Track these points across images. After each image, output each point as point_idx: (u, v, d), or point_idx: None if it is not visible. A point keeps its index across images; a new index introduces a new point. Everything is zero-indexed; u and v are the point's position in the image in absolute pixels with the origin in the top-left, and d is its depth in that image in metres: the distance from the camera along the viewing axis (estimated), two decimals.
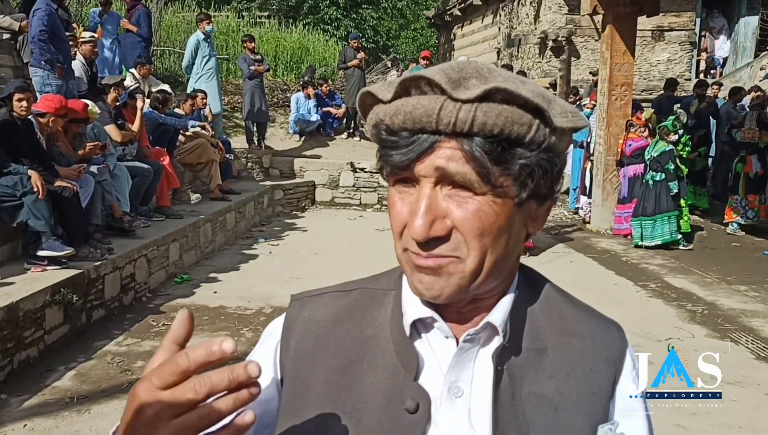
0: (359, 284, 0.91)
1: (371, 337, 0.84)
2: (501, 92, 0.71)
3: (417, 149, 0.73)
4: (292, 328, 0.88)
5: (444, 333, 0.82)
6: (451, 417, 0.79)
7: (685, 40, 14.46)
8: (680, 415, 4.00)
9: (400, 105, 0.74)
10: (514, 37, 16.41)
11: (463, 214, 0.74)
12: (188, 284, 6.61)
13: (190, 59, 10.53)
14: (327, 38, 20.56)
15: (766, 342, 5.24)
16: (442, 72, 0.73)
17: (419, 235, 0.73)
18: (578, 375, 0.83)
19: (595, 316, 0.90)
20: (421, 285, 0.77)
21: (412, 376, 0.80)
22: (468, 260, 0.75)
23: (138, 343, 5.02)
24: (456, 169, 0.72)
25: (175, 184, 8.00)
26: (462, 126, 0.71)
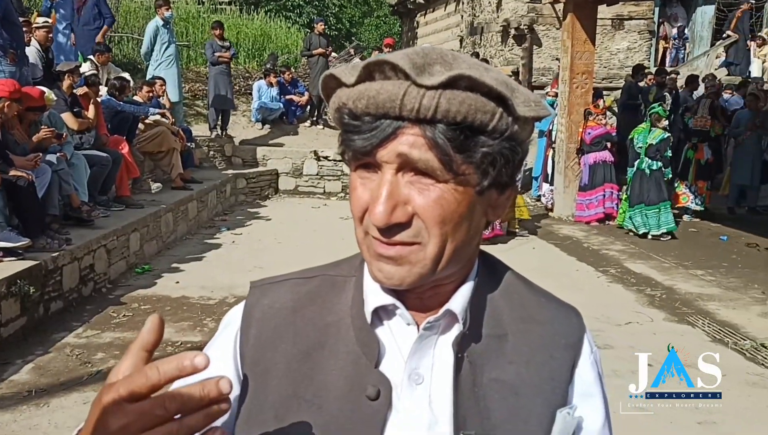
0: (320, 271, 0.90)
1: (332, 324, 0.84)
2: (465, 79, 0.70)
3: (379, 135, 0.72)
4: (252, 315, 0.87)
5: (405, 320, 0.82)
6: (412, 404, 0.79)
7: (644, 29, 14.68)
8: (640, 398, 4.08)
9: (364, 89, 0.73)
10: (476, 25, 16.46)
11: (424, 201, 0.74)
12: (149, 275, 6.51)
13: (148, 46, 10.32)
14: (289, 25, 20.37)
15: (722, 325, 5.37)
16: (407, 57, 0.72)
17: (380, 221, 0.73)
18: (538, 361, 0.83)
19: (554, 302, 0.91)
20: (381, 274, 0.77)
21: (373, 363, 0.80)
22: (429, 247, 0.75)
23: (98, 334, 4.93)
24: (418, 155, 0.72)
25: (134, 173, 7.87)
26: (425, 112, 0.70)
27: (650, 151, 8.33)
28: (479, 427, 0.79)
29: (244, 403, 0.82)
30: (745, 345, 4.92)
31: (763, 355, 4.74)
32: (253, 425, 0.81)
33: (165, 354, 4.52)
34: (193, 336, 4.92)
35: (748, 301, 6.00)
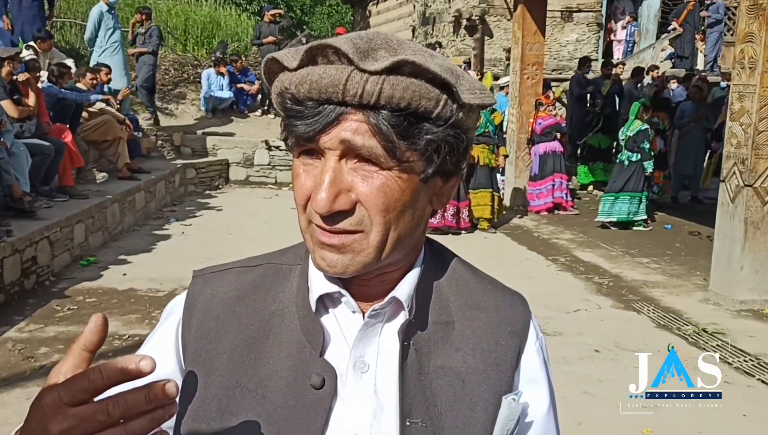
0: (264, 259, 0.89)
1: (276, 312, 0.83)
2: (409, 65, 0.69)
3: (322, 120, 0.71)
4: (194, 305, 0.85)
5: (351, 308, 0.82)
6: (358, 392, 0.79)
7: (592, 22, 14.92)
8: (587, 383, 4.17)
9: (306, 74, 0.72)
10: (428, 15, 16.49)
11: (368, 189, 0.73)
12: (95, 267, 6.35)
13: (92, 31, 10.04)
14: (239, 13, 20.04)
15: (666, 311, 5.52)
16: (350, 41, 0.71)
17: (322, 208, 0.72)
18: (484, 347, 0.84)
19: (500, 289, 0.91)
20: (324, 262, 0.76)
21: (318, 352, 0.79)
22: (372, 235, 0.75)
23: (41, 328, 4.79)
24: (362, 142, 0.71)
25: (78, 163, 7.65)
26: (369, 98, 0.70)
27: (628, 143, 8.40)
28: (425, 414, 0.79)
29: (188, 395, 0.80)
30: (688, 330, 5.07)
31: (705, 340, 4.89)
32: (197, 417, 0.79)
33: (112, 347, 4.44)
34: (140, 329, 4.82)
35: (691, 287, 6.18)
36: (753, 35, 5.35)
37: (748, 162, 5.42)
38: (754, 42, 5.34)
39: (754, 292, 5.54)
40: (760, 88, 5.31)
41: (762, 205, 5.46)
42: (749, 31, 5.38)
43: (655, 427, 3.59)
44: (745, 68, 5.44)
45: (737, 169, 5.52)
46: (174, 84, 13.15)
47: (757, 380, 4.21)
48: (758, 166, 5.41)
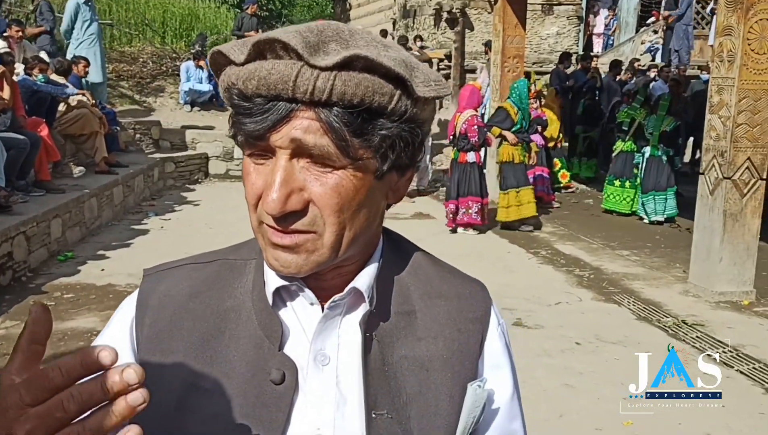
0: (219, 255, 0.87)
1: (232, 308, 0.81)
2: (362, 60, 0.67)
3: (272, 118, 0.69)
4: (147, 304, 0.82)
5: (309, 300, 0.80)
6: (319, 385, 0.78)
7: (572, 15, 14.98)
8: (568, 375, 4.19)
9: (254, 69, 0.69)
10: (409, 8, 16.45)
11: (321, 189, 0.71)
12: (73, 262, 6.27)
13: (69, 23, 9.89)
14: (218, 5, 19.86)
15: (646, 303, 5.56)
16: (299, 35, 0.69)
17: (274, 209, 0.70)
18: (447, 335, 0.83)
19: (460, 277, 0.90)
20: (277, 262, 0.75)
21: (277, 346, 0.78)
22: (326, 235, 0.73)
23: (18, 325, 4.72)
24: (313, 141, 0.69)
25: (55, 157, 7.54)
26: (320, 95, 0.67)
27: (663, 138, 8.39)
28: (390, 405, 0.78)
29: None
30: (668, 322, 5.11)
31: (684, 331, 4.93)
32: (153, 419, 0.75)
33: (89, 343, 4.38)
34: None
35: (671, 279, 6.23)
36: (731, 28, 5.38)
37: (727, 154, 5.46)
38: (733, 35, 5.37)
39: (732, 284, 5.60)
40: (739, 81, 5.35)
41: (741, 198, 5.51)
42: (728, 25, 5.41)
43: (636, 419, 3.61)
44: (723, 61, 5.47)
45: (716, 162, 5.56)
46: (152, 77, 13.01)
47: (736, 371, 4.24)
48: (737, 158, 5.46)
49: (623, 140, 8.85)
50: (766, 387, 4.06)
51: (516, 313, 5.20)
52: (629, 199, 8.84)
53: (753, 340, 4.77)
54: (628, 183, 8.81)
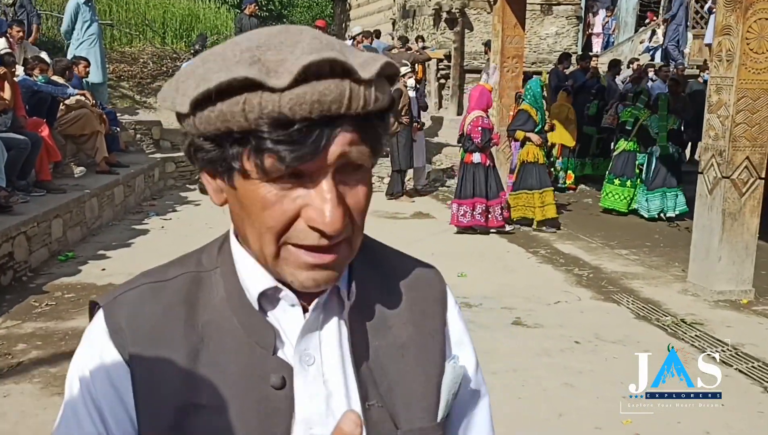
0: (178, 270, 0.84)
1: (210, 322, 0.79)
2: (387, 66, 0.71)
3: (319, 140, 0.67)
4: (121, 329, 0.78)
5: (289, 301, 0.80)
6: (307, 385, 0.78)
7: (571, 15, 14.98)
8: (567, 375, 4.20)
9: (303, 92, 0.65)
10: (408, 8, 16.45)
11: (358, 197, 0.74)
12: (73, 262, 6.28)
13: (69, 24, 9.90)
14: (218, 5, 19.87)
15: (645, 302, 5.57)
16: (335, 50, 0.68)
17: (338, 229, 0.70)
18: (415, 319, 0.86)
19: (416, 263, 0.93)
20: (312, 282, 0.75)
21: (271, 351, 0.78)
22: (354, 240, 0.76)
23: (19, 325, 4.73)
24: (357, 151, 0.71)
25: (56, 157, 7.54)
26: (368, 107, 0.69)
27: (672, 136, 8.46)
28: (376, 394, 0.81)
29: (141, 430, 0.77)
30: (667, 321, 5.12)
31: (683, 330, 4.94)
32: None
33: None
34: None
35: (670, 278, 6.24)
36: (730, 28, 5.40)
37: (725, 154, 5.47)
38: (732, 35, 5.39)
39: (731, 283, 5.61)
40: (738, 80, 5.37)
41: (739, 197, 5.53)
42: (726, 24, 5.43)
43: (635, 418, 3.62)
44: (722, 61, 5.49)
45: (715, 161, 5.57)
46: (153, 77, 13.01)
47: (735, 370, 4.26)
48: (735, 157, 5.47)
49: (626, 140, 8.84)
50: (765, 386, 4.07)
51: (515, 313, 5.21)
52: (628, 198, 8.85)
53: (752, 338, 4.78)
54: (629, 182, 8.81)
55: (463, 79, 14.54)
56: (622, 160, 8.87)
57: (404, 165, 9.52)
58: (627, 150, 8.80)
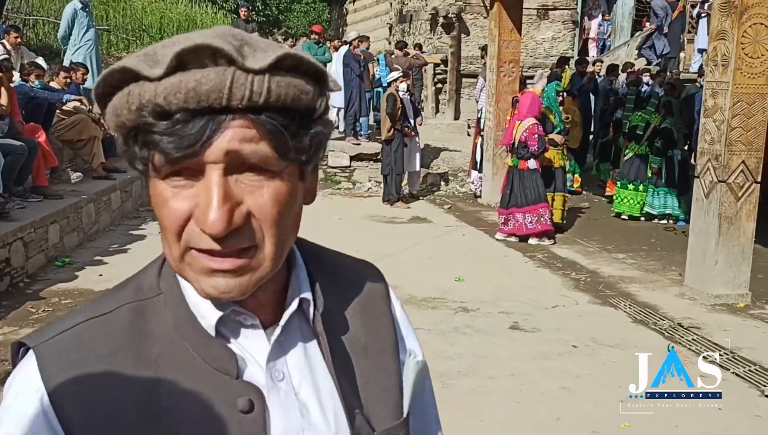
0: (114, 302, 0.76)
1: (163, 354, 0.73)
2: (290, 59, 0.66)
3: (201, 132, 0.64)
4: (57, 383, 0.70)
5: (249, 321, 0.77)
6: (280, 402, 0.76)
7: (567, 19, 15.03)
8: (565, 379, 4.20)
9: (178, 81, 0.63)
10: (405, 13, 16.50)
11: (260, 200, 0.68)
12: (70, 268, 6.28)
13: (66, 29, 9.89)
14: (215, 10, 19.92)
15: (642, 306, 5.58)
16: (224, 39, 0.64)
17: (218, 229, 0.65)
18: (366, 319, 0.85)
19: (357, 262, 0.92)
20: (215, 290, 0.69)
21: (234, 375, 0.73)
22: (266, 249, 0.70)
23: (15, 331, 4.72)
24: (251, 149, 0.65)
25: (53, 163, 7.53)
26: (257, 99, 0.64)
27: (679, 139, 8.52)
28: (357, 400, 0.80)
29: None
30: (664, 325, 5.13)
31: (680, 334, 4.95)
32: None
33: None
34: None
35: (666, 282, 6.25)
36: (725, 33, 5.42)
37: (721, 158, 5.49)
38: (727, 39, 5.41)
39: (728, 287, 5.62)
40: (733, 85, 5.39)
41: (735, 201, 5.54)
42: (722, 29, 5.45)
43: (633, 421, 3.63)
44: (717, 65, 5.51)
45: (711, 165, 5.59)
46: None
47: (732, 374, 4.26)
48: (731, 162, 5.49)
49: (638, 144, 8.78)
50: (762, 389, 4.08)
51: (513, 317, 5.22)
52: (641, 202, 8.83)
53: (749, 342, 4.79)
54: (642, 186, 8.78)
55: (460, 84, 14.58)
56: (634, 164, 8.82)
57: (396, 169, 9.49)
58: (638, 154, 8.78)
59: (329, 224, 7.89)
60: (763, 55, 5.39)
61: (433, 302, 5.49)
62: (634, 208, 8.83)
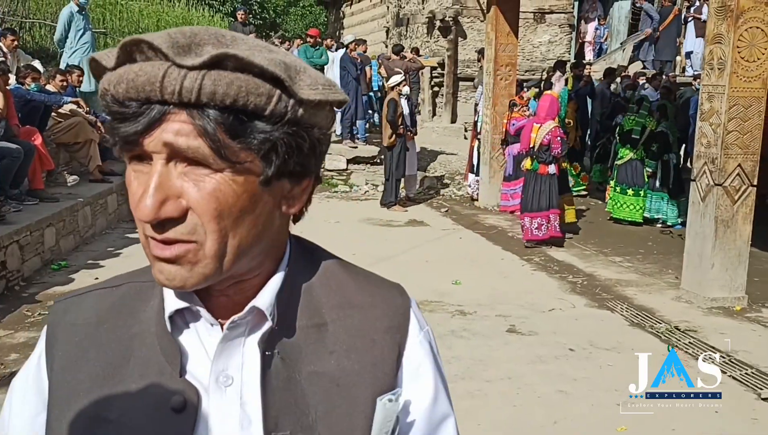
0: (128, 278, 0.84)
1: (137, 335, 0.78)
2: (231, 59, 0.66)
3: (144, 121, 0.67)
4: (55, 336, 0.81)
5: (209, 321, 0.77)
6: (222, 407, 0.75)
7: (564, 23, 15.06)
8: (562, 382, 4.20)
9: (123, 72, 0.68)
10: (402, 17, 16.51)
11: (199, 195, 0.69)
12: (66, 271, 6.26)
13: (62, 32, 9.88)
14: (212, 14, 19.92)
15: (639, 309, 5.58)
16: (168, 36, 0.67)
17: (147, 216, 0.68)
18: (359, 347, 0.80)
19: (376, 285, 0.86)
20: (161, 275, 0.72)
21: (177, 371, 0.75)
22: (207, 245, 0.70)
23: (11, 334, 4.71)
24: (186, 144, 0.67)
25: (49, 166, 7.52)
26: (188, 95, 0.66)
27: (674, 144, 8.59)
28: (296, 425, 0.75)
29: (49, 433, 0.78)
30: (661, 328, 5.13)
31: (677, 337, 4.95)
32: None
33: None
34: None
35: (663, 285, 6.25)
36: (722, 36, 5.44)
37: (717, 161, 5.50)
38: (723, 43, 5.43)
39: (724, 290, 5.63)
40: (729, 88, 5.40)
41: (732, 204, 5.55)
42: (718, 33, 5.47)
43: (630, 424, 3.63)
44: (714, 69, 5.52)
45: (707, 169, 5.60)
46: None
47: (729, 377, 4.27)
48: (728, 165, 5.50)
49: (634, 148, 8.75)
50: (758, 392, 4.08)
51: (510, 320, 5.22)
52: (642, 208, 8.76)
53: (745, 345, 4.79)
54: (642, 191, 8.74)
55: (457, 87, 14.59)
56: (631, 169, 8.75)
57: (397, 174, 9.51)
58: (634, 158, 8.74)
59: (326, 227, 7.88)
60: (759, 58, 5.40)
61: (430, 305, 5.49)
62: (636, 213, 8.75)
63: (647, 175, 8.67)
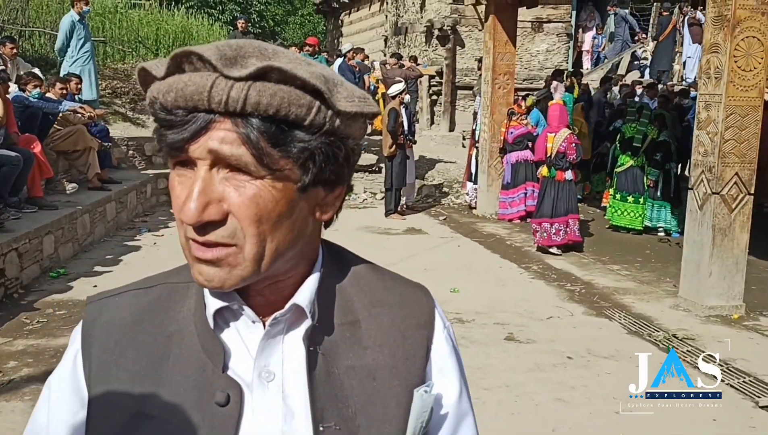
0: (161, 279, 0.88)
1: (175, 333, 0.82)
2: (276, 71, 0.70)
3: (190, 129, 0.71)
4: (92, 335, 0.83)
5: (250, 318, 0.81)
6: (265, 402, 0.79)
7: (562, 32, 15.12)
8: (560, 390, 4.20)
9: (173, 82, 0.71)
10: (400, 26, 16.57)
11: (239, 199, 0.72)
12: (65, 279, 6.26)
13: (64, 41, 9.89)
14: (211, 22, 19.97)
15: (637, 317, 5.59)
16: (216, 48, 0.71)
17: (190, 218, 0.71)
18: (391, 343, 0.84)
19: (402, 285, 0.91)
20: (201, 277, 0.75)
21: (220, 368, 0.79)
22: (246, 248, 0.74)
23: (9, 342, 4.70)
24: (230, 151, 0.71)
25: (48, 174, 7.52)
26: (234, 105, 0.69)
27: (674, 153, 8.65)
28: (338, 417, 0.79)
29: (89, 430, 0.80)
30: (659, 336, 5.14)
31: (675, 345, 4.95)
32: None
33: None
34: None
35: (661, 293, 6.26)
36: (718, 46, 5.47)
37: (715, 170, 5.52)
38: (720, 52, 5.46)
39: (722, 298, 5.64)
40: (726, 97, 5.43)
41: (729, 212, 5.57)
42: (715, 42, 5.50)
43: (628, 432, 3.63)
44: (711, 78, 5.55)
45: (705, 177, 5.62)
46: (145, 94, 13.03)
47: (727, 385, 4.27)
48: (725, 174, 5.52)
49: (635, 156, 8.73)
50: (756, 400, 4.09)
51: (508, 328, 5.22)
52: (642, 216, 8.75)
53: (743, 353, 4.80)
54: (642, 199, 8.74)
55: (455, 96, 14.64)
56: (630, 176, 8.75)
57: (397, 183, 9.52)
58: (634, 166, 8.74)
59: (324, 235, 7.87)
60: (755, 67, 5.43)
61: None
62: (636, 221, 8.74)
63: (647, 184, 8.69)
